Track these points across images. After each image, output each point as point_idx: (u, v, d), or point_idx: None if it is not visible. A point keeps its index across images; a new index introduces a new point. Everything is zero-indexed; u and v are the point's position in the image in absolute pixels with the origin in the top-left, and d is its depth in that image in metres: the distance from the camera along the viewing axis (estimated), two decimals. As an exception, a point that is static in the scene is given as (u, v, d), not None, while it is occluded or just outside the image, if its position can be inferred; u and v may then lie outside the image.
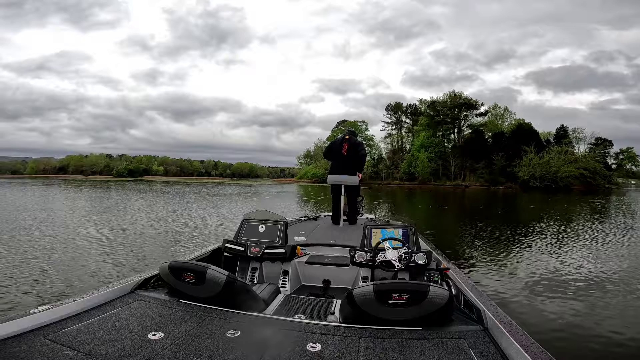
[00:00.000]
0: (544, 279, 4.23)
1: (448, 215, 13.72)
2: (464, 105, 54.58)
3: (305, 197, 22.06)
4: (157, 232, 7.38)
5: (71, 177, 79.13)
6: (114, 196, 19.15)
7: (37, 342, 1.10)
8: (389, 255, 1.95)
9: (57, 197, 17.58)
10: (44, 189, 25.34)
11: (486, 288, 3.80)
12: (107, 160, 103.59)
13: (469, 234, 7.62)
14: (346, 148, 4.24)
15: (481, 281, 4.14)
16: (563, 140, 47.83)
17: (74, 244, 5.82)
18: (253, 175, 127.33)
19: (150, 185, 34.29)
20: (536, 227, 8.99)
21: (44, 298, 3.35)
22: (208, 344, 1.15)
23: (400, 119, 62.73)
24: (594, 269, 4.71)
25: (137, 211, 11.46)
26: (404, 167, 54.93)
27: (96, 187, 28.80)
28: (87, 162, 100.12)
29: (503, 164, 45.33)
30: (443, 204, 19.35)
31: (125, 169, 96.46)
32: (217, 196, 20.30)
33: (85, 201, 15.63)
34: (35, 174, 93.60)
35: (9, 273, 4.06)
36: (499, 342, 1.16)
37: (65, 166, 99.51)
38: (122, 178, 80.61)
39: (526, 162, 43.88)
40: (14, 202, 13.82)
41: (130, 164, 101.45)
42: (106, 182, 47.37)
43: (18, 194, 19.03)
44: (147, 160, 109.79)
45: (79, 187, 28.35)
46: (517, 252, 5.91)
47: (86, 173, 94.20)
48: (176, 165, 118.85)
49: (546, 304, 3.41)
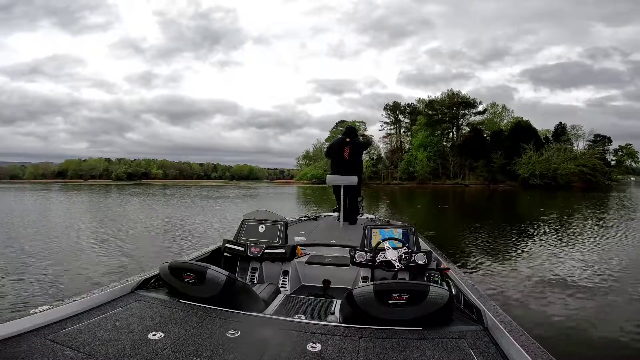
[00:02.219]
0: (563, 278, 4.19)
1: (449, 215, 13.51)
2: (462, 104, 54.61)
3: (309, 198, 21.94)
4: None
5: (70, 182, 78.87)
6: (116, 201, 19.01)
7: (37, 342, 1.09)
8: (389, 256, 1.96)
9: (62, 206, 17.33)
10: (44, 194, 25.08)
11: (489, 288, 3.77)
12: (106, 164, 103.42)
13: (471, 234, 7.58)
14: (348, 152, 4.21)
15: (484, 280, 4.12)
16: (562, 137, 47.86)
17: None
18: (252, 177, 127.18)
19: (150, 190, 34.06)
20: (552, 224, 8.94)
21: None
22: (208, 344, 1.14)
23: (399, 119, 62.80)
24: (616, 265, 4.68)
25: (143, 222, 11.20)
26: (403, 167, 54.91)
27: (95, 192, 28.52)
28: (86, 166, 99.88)
29: (502, 162, 45.33)
30: (443, 203, 19.06)
31: (125, 172, 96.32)
32: (228, 199, 20.08)
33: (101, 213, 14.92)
34: (34, 178, 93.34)
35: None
36: (499, 342, 1.16)
37: (64, 170, 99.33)
38: (121, 182, 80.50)
39: (525, 160, 43.81)
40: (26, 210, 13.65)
41: (129, 168, 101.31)
42: (105, 186, 47.29)
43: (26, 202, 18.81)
44: (146, 164, 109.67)
45: (81, 193, 27.90)
46: (524, 250, 5.87)
47: (85, 177, 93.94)
48: (175, 168, 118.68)
49: (553, 304, 3.38)
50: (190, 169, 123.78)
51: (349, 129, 4.54)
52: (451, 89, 56.72)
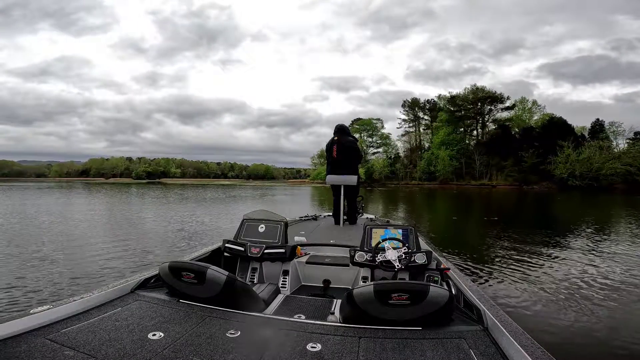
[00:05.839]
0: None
1: (520, 238, 6.60)
2: (488, 99, 50.89)
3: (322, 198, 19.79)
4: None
5: (92, 180, 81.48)
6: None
7: (37, 342, 1.09)
8: (389, 255, 1.94)
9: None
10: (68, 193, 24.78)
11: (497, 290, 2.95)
12: (127, 163, 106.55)
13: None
14: (335, 151, 4.11)
15: (486, 281, 2.91)
16: (600, 135, 43.12)
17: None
18: (269, 176, 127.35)
19: (168, 190, 32.98)
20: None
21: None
22: (208, 344, 1.14)
23: (418, 116, 59.76)
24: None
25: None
26: (423, 166, 51.90)
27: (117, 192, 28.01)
28: (108, 165, 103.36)
29: (534, 161, 41.28)
30: (486, 211, 13.13)
31: (144, 171, 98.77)
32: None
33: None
34: (59, 176, 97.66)
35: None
36: (499, 342, 1.16)
37: (87, 169, 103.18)
38: (140, 180, 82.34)
39: (562, 158, 39.54)
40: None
41: (149, 167, 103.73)
42: (126, 185, 47.60)
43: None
44: (165, 163, 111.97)
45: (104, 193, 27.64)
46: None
47: (107, 176, 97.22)
48: (193, 167, 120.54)
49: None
50: (207, 168, 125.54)
51: (338, 127, 4.29)
52: (475, 84, 53.50)
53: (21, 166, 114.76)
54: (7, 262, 4.42)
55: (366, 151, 58.04)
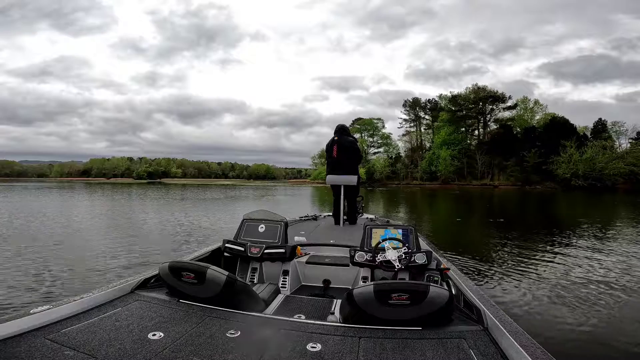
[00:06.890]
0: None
1: (529, 241, 6.30)
2: (490, 99, 50.69)
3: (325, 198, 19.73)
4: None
5: (94, 180, 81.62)
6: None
7: (37, 342, 1.09)
8: (389, 256, 1.94)
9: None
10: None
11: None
12: (128, 163, 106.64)
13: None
14: (336, 151, 4.11)
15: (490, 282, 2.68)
16: (602, 134, 42.86)
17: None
18: (270, 176, 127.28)
19: (169, 190, 32.73)
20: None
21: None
22: (208, 344, 1.14)
23: (419, 115, 59.62)
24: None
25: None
26: (424, 166, 51.78)
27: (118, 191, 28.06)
28: (109, 165, 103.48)
29: (537, 161, 41.07)
30: (492, 213, 12.53)
31: (145, 171, 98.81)
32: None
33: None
34: (60, 176, 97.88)
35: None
36: (499, 342, 1.15)
37: (88, 169, 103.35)
38: (141, 180, 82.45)
39: (565, 158, 39.28)
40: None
41: (149, 167, 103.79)
42: (127, 185, 47.55)
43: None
44: (166, 163, 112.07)
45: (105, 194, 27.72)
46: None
47: (108, 176, 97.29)
48: (194, 167, 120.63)
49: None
50: (208, 168, 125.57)
51: (338, 127, 4.29)
52: (476, 84, 53.30)
53: (22, 166, 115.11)
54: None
55: (367, 151, 57.92)
